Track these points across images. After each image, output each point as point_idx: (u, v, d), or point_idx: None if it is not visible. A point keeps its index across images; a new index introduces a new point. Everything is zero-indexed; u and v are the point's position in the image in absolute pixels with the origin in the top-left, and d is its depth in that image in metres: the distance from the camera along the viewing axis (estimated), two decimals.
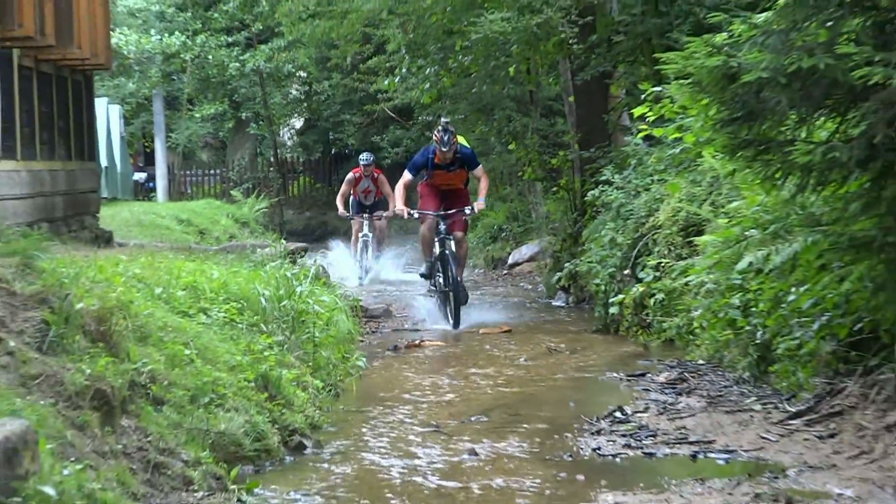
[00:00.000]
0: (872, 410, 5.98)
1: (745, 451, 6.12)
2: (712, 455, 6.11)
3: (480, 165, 12.86)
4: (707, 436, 6.47)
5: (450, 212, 12.28)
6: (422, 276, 12.70)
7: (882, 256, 6.04)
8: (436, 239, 12.23)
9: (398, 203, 12.54)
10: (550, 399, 7.96)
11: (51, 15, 11.94)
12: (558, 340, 10.73)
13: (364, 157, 18.27)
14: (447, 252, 12.10)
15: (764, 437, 6.29)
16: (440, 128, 12.23)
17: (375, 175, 17.95)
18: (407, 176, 12.66)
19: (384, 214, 17.82)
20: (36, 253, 5.65)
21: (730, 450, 6.16)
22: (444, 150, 12.10)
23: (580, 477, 5.70)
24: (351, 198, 18.02)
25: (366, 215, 17.82)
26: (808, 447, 5.97)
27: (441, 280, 12.32)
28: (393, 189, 17.94)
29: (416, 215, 12.42)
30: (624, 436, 6.57)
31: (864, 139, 5.67)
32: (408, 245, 19.93)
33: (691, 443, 6.36)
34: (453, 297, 11.96)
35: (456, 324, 11.87)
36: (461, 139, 12.61)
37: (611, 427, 6.82)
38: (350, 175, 18.11)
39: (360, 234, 17.69)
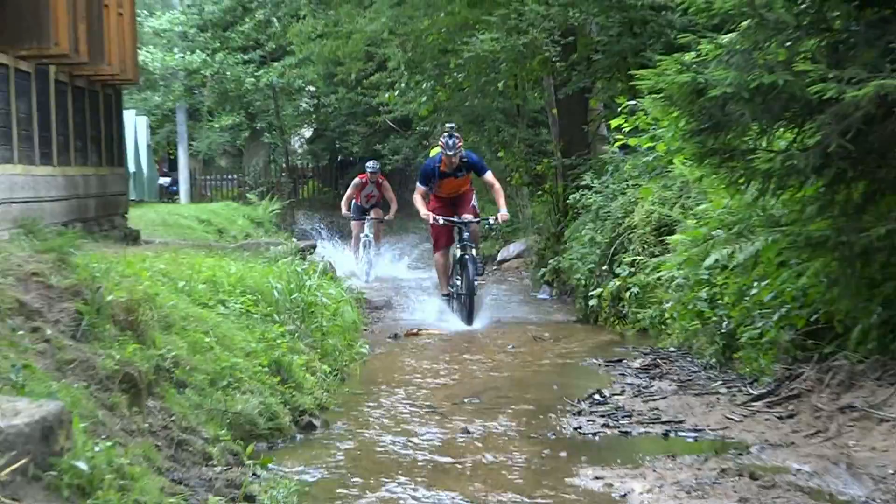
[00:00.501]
0: (827, 394, 5.98)
1: (712, 430, 6.11)
2: (682, 433, 6.10)
3: (490, 171, 12.15)
4: (678, 416, 6.46)
5: (474, 220, 11.77)
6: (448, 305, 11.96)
7: (836, 254, 6.05)
8: (458, 245, 11.67)
9: (422, 210, 11.71)
10: (536, 383, 7.94)
11: (84, 35, 11.91)
12: (543, 330, 10.72)
13: (371, 165, 18.01)
14: (466, 257, 11.47)
15: (729, 418, 6.29)
16: (445, 133, 11.71)
17: (380, 181, 17.85)
18: (421, 188, 11.88)
19: (385, 217, 17.78)
20: (70, 250, 5.62)
21: (698, 429, 6.16)
22: (449, 153, 11.51)
23: (563, 453, 5.69)
24: (354, 202, 17.92)
25: (366, 217, 17.74)
26: (769, 427, 5.97)
27: (459, 283, 11.68)
28: (395, 193, 18.04)
29: (441, 221, 11.59)
30: (602, 416, 6.56)
31: (819, 148, 5.67)
32: (407, 243, 19.91)
33: (663, 422, 6.35)
34: (468, 301, 11.35)
35: (469, 322, 11.28)
36: None
37: (590, 408, 6.81)
38: (357, 180, 17.95)
39: (362, 235, 17.59)
